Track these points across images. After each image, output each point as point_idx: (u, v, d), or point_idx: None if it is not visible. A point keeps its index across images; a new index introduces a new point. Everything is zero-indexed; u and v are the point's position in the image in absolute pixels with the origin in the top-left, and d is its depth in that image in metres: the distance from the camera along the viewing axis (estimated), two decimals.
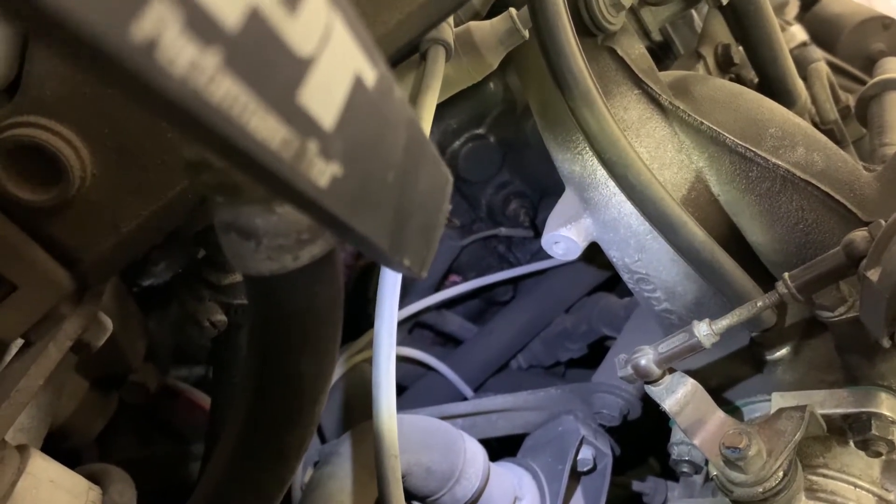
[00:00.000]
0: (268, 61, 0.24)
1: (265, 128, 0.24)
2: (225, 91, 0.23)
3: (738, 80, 1.13)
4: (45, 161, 0.52)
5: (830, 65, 1.54)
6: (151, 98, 0.21)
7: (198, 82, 0.22)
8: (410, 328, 1.44)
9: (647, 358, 0.74)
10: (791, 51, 1.52)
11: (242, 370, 0.44)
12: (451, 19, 0.78)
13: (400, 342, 1.36)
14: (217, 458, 0.49)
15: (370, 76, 0.30)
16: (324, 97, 0.27)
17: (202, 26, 0.22)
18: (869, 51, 1.64)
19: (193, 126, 0.23)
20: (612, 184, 0.82)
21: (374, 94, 0.30)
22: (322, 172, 0.27)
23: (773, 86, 1.06)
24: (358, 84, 0.29)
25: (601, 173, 0.83)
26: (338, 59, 0.27)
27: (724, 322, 0.72)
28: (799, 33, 1.58)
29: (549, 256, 0.91)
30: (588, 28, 0.83)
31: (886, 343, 0.63)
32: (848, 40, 1.67)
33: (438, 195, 0.38)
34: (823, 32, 1.70)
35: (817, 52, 1.56)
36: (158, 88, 0.21)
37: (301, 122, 0.26)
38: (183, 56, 0.21)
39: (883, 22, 1.65)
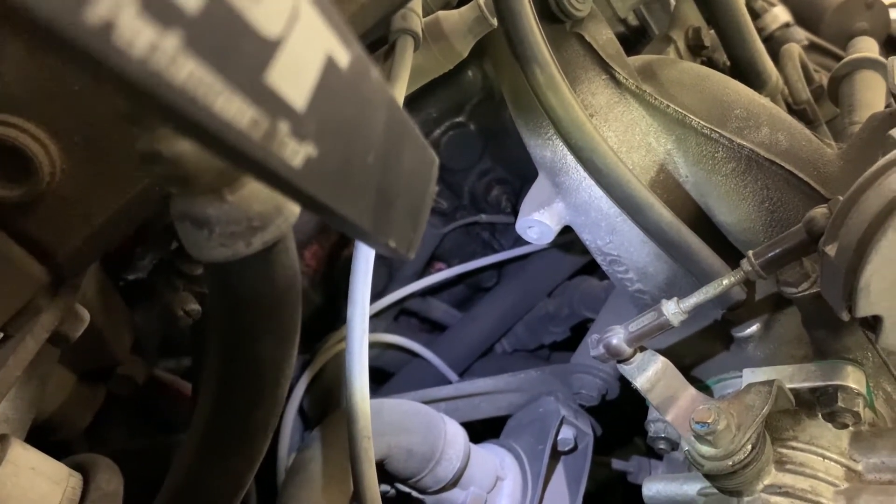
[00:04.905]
0: (231, 43, 0.25)
1: (232, 108, 0.25)
2: (188, 72, 0.23)
3: (710, 63, 1.14)
4: (15, 158, 0.53)
5: (813, 45, 1.54)
6: (114, 79, 0.22)
7: (159, 64, 0.22)
8: (396, 315, 1.45)
9: (618, 337, 0.76)
10: (773, 32, 1.54)
11: (207, 355, 0.45)
12: (419, 9, 0.79)
13: (385, 329, 1.38)
14: (187, 443, 0.51)
15: (343, 57, 0.30)
16: (293, 78, 0.27)
17: (160, 8, 0.22)
18: (852, 30, 1.64)
19: (158, 107, 0.23)
20: (581, 168, 0.83)
21: (349, 74, 0.30)
22: (295, 153, 0.28)
23: (743, 68, 1.07)
24: (330, 65, 0.29)
25: (571, 158, 0.84)
26: (307, 40, 0.28)
27: (691, 300, 0.73)
28: (782, 14, 1.59)
29: None
30: (555, 15, 0.84)
31: (846, 316, 0.64)
32: (831, 20, 1.67)
33: (424, 177, 0.38)
34: (807, 13, 1.70)
35: (800, 33, 1.57)
36: (118, 70, 0.22)
37: (270, 102, 0.26)
38: (141, 38, 0.22)
39: (865, 1, 1.66)
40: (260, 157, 0.26)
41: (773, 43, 1.43)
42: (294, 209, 0.39)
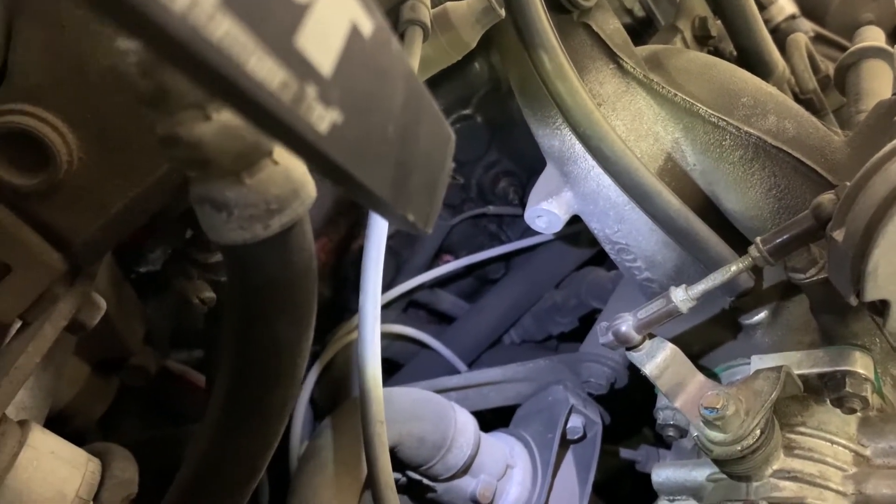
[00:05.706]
0: (264, 4, 0.25)
1: (264, 68, 0.25)
2: (225, 30, 0.24)
3: (717, 52, 1.14)
4: (33, 147, 0.54)
5: (820, 37, 1.54)
6: (154, 34, 0.23)
7: (198, 19, 0.23)
8: (405, 307, 1.46)
9: (626, 324, 0.76)
10: (780, 23, 1.54)
11: (224, 337, 0.46)
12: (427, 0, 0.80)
13: (394, 320, 1.39)
14: (203, 428, 0.51)
15: (366, 26, 0.31)
16: (321, 43, 0.28)
17: None
18: (858, 21, 1.64)
19: (195, 64, 0.24)
20: (590, 157, 0.84)
21: (371, 43, 0.31)
22: (322, 118, 0.28)
23: (749, 57, 1.08)
24: (354, 33, 0.30)
25: (579, 147, 0.85)
26: (333, 6, 0.28)
27: (699, 287, 0.74)
28: (788, 6, 1.58)
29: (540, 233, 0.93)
30: (562, 5, 0.84)
31: (854, 301, 0.65)
32: (837, 11, 1.66)
33: (441, 151, 0.38)
34: (813, 4, 1.70)
35: (806, 24, 1.57)
36: (160, 23, 0.22)
37: (299, 65, 0.27)
38: None
39: None
40: (288, 120, 0.27)
41: (780, 34, 1.43)
42: (311, 192, 0.40)
